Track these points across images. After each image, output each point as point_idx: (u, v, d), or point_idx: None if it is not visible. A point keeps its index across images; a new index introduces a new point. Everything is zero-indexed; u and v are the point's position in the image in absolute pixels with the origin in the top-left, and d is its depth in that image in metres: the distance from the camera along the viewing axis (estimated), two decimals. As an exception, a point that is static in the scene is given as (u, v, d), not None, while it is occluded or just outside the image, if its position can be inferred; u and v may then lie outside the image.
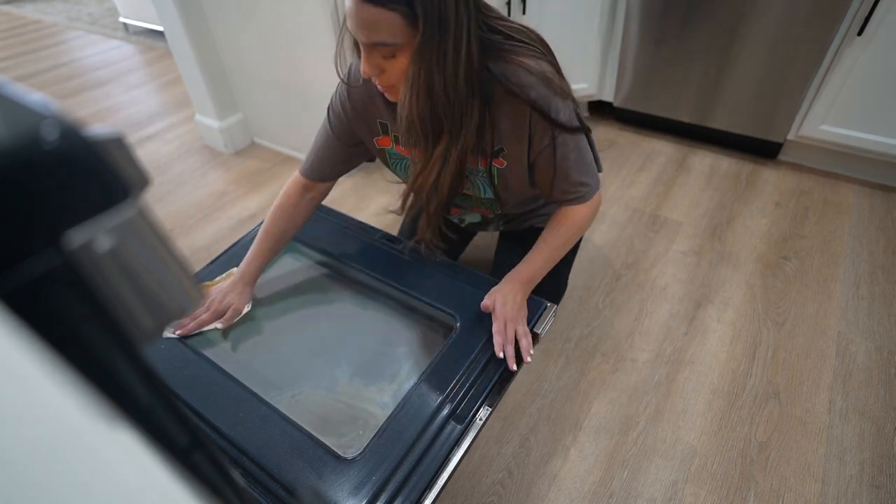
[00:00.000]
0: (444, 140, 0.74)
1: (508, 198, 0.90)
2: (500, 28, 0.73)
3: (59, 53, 3.07)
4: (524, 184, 0.87)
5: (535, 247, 0.88)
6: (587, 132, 0.81)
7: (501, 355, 0.76)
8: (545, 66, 0.74)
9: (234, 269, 0.94)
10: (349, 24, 0.66)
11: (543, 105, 0.74)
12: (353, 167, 0.96)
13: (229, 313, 0.87)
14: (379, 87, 0.73)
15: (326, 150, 0.91)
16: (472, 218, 1.06)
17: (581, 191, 0.83)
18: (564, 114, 0.76)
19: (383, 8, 0.61)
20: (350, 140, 0.89)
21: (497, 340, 0.77)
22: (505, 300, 0.80)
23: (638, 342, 1.18)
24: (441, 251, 0.97)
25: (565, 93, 0.75)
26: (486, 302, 0.82)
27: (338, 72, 0.78)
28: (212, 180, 1.83)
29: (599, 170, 0.87)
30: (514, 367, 0.75)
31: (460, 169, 0.78)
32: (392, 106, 0.80)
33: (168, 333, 0.84)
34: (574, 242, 0.89)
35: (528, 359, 0.77)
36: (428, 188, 0.80)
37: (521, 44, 0.75)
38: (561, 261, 0.91)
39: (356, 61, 0.80)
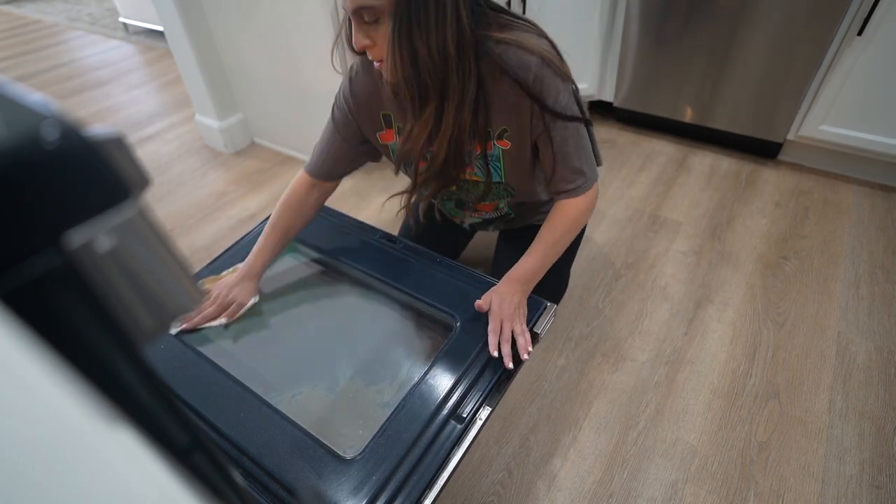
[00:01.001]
0: (433, 103, 0.71)
1: (517, 184, 0.88)
2: (497, 7, 0.72)
3: (59, 53, 3.07)
4: (530, 168, 0.85)
5: (532, 245, 0.87)
6: (587, 123, 0.80)
7: (496, 354, 0.75)
8: (544, 45, 0.72)
9: (240, 264, 0.94)
10: None
11: (536, 89, 0.71)
12: (359, 166, 0.95)
13: (233, 307, 0.88)
14: (375, 63, 0.71)
15: (332, 148, 0.90)
16: (473, 219, 1.06)
17: (579, 181, 0.82)
18: (563, 97, 0.74)
19: None
20: (355, 138, 0.89)
21: (491, 339, 0.76)
22: (501, 299, 0.79)
23: (638, 342, 1.18)
24: (417, 226, 1.00)
25: (565, 75, 0.73)
26: (481, 301, 0.81)
27: (333, 64, 0.80)
28: (212, 180, 1.83)
29: (599, 163, 0.85)
30: (510, 366, 0.74)
31: (458, 139, 0.75)
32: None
33: (173, 328, 0.86)
34: (572, 238, 0.88)
35: (525, 356, 0.75)
36: (418, 149, 0.77)
37: (519, 20, 0.73)
38: (561, 258, 0.89)
39: (359, 58, 0.80)
